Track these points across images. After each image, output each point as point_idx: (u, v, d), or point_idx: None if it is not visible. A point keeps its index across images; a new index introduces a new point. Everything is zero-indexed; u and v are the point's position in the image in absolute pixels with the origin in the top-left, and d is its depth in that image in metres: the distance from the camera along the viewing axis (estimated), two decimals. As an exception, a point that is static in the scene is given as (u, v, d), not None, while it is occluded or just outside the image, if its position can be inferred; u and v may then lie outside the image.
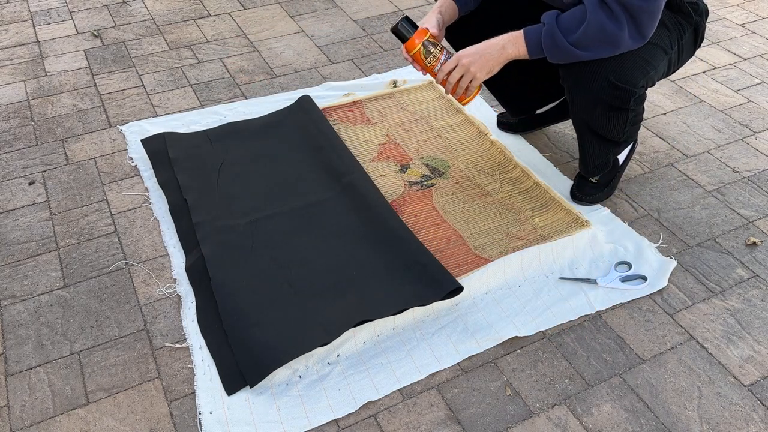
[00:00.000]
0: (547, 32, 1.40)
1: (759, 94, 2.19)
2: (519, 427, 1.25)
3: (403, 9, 2.71)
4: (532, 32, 1.43)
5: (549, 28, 1.40)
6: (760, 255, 1.61)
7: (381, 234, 1.59)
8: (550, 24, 1.40)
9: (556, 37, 1.39)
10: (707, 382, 1.33)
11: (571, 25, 1.39)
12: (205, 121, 2.03)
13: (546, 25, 1.41)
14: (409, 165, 1.87)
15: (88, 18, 2.64)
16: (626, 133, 1.60)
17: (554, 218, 1.68)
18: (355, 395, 1.29)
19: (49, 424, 1.25)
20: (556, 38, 1.40)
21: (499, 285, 1.51)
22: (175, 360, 1.37)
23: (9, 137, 1.99)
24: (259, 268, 1.51)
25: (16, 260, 1.59)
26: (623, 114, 1.52)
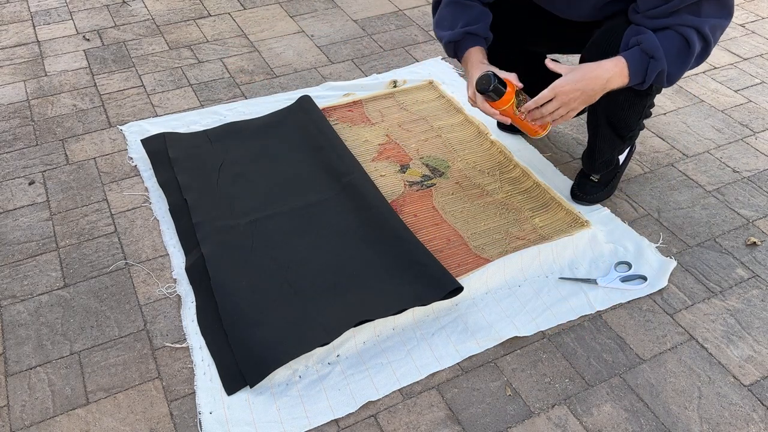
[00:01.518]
0: (653, 68, 1.36)
1: (759, 94, 2.19)
2: (519, 427, 1.25)
3: (403, 9, 2.71)
4: (636, 64, 1.36)
5: (657, 66, 1.35)
6: (760, 255, 1.61)
7: (381, 234, 1.59)
8: (659, 60, 1.35)
9: (663, 73, 1.37)
10: (707, 382, 1.33)
11: (676, 59, 1.36)
12: (205, 121, 2.03)
13: (654, 60, 1.35)
14: (409, 165, 1.87)
15: (88, 18, 2.64)
16: (638, 125, 1.62)
17: (554, 218, 1.68)
18: (355, 395, 1.29)
19: (49, 424, 1.25)
20: (662, 75, 1.37)
21: (499, 285, 1.51)
22: (175, 360, 1.37)
23: (9, 137, 1.99)
24: (259, 268, 1.51)
25: (16, 260, 1.59)
26: (643, 100, 1.53)
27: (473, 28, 1.57)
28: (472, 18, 1.58)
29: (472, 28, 1.57)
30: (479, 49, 1.58)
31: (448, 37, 1.59)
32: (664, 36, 1.35)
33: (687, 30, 1.34)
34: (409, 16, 2.67)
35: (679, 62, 1.37)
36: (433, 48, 2.45)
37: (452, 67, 2.31)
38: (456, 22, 1.58)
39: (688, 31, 1.34)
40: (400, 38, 2.51)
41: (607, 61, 1.37)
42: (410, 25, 2.61)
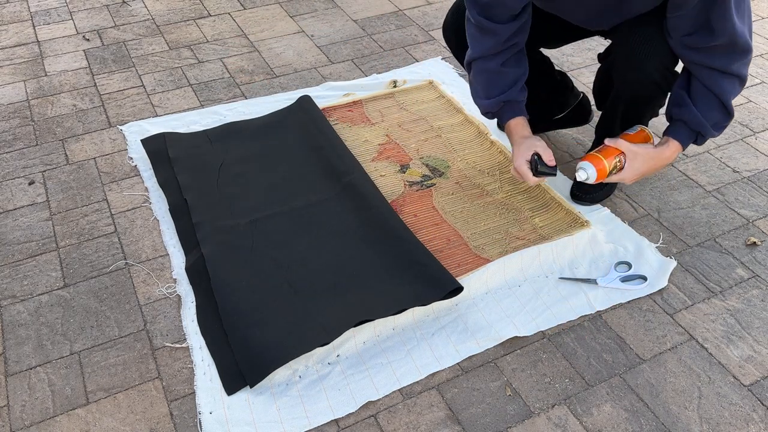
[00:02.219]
0: (702, 140, 1.50)
1: (759, 94, 2.19)
2: (519, 427, 1.25)
3: (403, 9, 2.71)
4: (687, 141, 1.50)
5: (705, 139, 1.49)
6: (760, 255, 1.61)
7: (381, 234, 1.59)
8: (706, 136, 1.48)
9: (708, 137, 1.50)
10: (707, 382, 1.33)
11: (719, 124, 1.47)
12: (205, 121, 2.03)
13: (701, 136, 1.48)
14: (409, 165, 1.87)
15: (88, 18, 2.64)
16: (648, 120, 1.66)
17: (554, 218, 1.68)
18: (355, 395, 1.29)
19: (49, 424, 1.25)
20: (707, 137, 1.50)
21: (499, 285, 1.51)
22: (175, 360, 1.37)
23: (9, 137, 1.99)
24: (259, 268, 1.51)
25: (16, 260, 1.59)
26: (660, 99, 1.58)
27: (510, 95, 1.56)
28: (506, 84, 1.56)
29: (509, 95, 1.56)
30: (520, 121, 1.58)
31: (486, 107, 1.60)
32: (705, 106, 1.44)
33: (721, 82, 1.40)
34: (409, 16, 2.67)
35: (721, 126, 1.48)
36: (433, 48, 2.45)
37: (452, 67, 2.31)
38: (491, 91, 1.57)
39: (722, 83, 1.41)
40: (400, 38, 2.51)
41: (666, 149, 1.51)
42: (410, 25, 2.61)
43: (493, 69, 1.55)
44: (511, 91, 1.57)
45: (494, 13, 1.46)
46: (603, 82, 1.71)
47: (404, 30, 2.57)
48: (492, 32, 1.49)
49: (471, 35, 1.55)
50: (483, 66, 1.56)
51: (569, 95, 1.91)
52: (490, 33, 1.49)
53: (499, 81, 1.57)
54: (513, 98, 1.57)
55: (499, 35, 1.50)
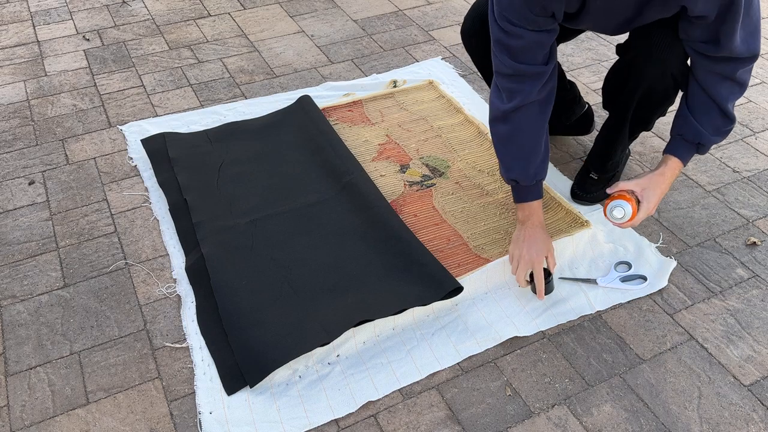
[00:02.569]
0: (703, 150, 1.49)
1: (759, 94, 2.19)
2: (519, 427, 1.25)
3: (403, 9, 2.71)
4: (688, 156, 1.49)
5: (706, 149, 1.49)
6: (760, 255, 1.61)
7: (381, 234, 1.59)
8: (706, 145, 1.47)
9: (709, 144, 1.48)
10: (707, 382, 1.33)
11: (717, 126, 1.45)
12: (205, 121, 2.03)
13: (702, 146, 1.47)
14: (409, 165, 1.87)
15: (88, 18, 2.64)
16: (654, 120, 1.66)
17: (554, 218, 1.68)
18: (355, 395, 1.29)
19: (49, 424, 1.25)
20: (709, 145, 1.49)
21: (499, 285, 1.51)
22: (175, 360, 1.37)
23: (9, 137, 1.99)
24: (259, 268, 1.51)
25: (16, 260, 1.59)
26: (672, 97, 1.57)
27: (543, 173, 1.48)
28: (539, 154, 1.45)
29: (543, 173, 1.48)
30: (539, 207, 1.49)
31: (516, 177, 1.47)
32: (704, 114, 1.43)
33: (721, 87, 1.40)
34: (409, 16, 2.67)
35: (722, 131, 1.47)
36: (433, 48, 2.45)
37: (452, 67, 2.31)
38: (529, 161, 1.45)
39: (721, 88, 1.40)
40: (400, 38, 2.51)
41: (667, 169, 1.47)
42: (410, 25, 2.61)
43: (540, 125, 1.44)
44: (545, 163, 1.48)
45: (530, 57, 1.36)
46: (617, 76, 1.67)
47: (404, 30, 2.57)
48: (533, 75, 1.37)
49: (506, 89, 1.40)
50: (528, 117, 1.42)
51: (575, 106, 1.91)
52: (533, 77, 1.38)
53: (540, 145, 1.45)
54: (544, 174, 1.49)
55: (542, 76, 1.38)
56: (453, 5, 2.75)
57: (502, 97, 1.42)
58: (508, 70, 1.37)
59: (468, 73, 2.29)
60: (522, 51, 1.35)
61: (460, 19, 2.64)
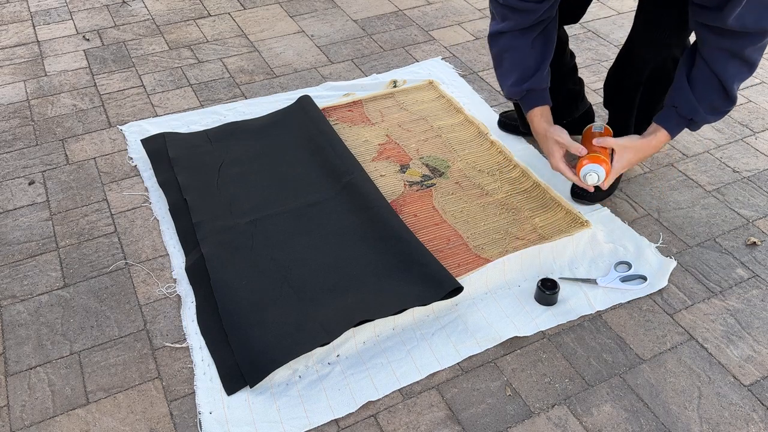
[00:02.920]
0: (695, 127, 1.46)
1: (759, 94, 2.19)
2: (519, 427, 1.25)
3: (403, 9, 2.71)
4: (676, 129, 1.47)
5: (697, 125, 1.46)
6: (760, 255, 1.61)
7: (381, 234, 1.59)
8: (699, 122, 1.44)
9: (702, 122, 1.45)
10: (707, 382, 1.33)
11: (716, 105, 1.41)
12: (205, 121, 2.03)
13: (693, 122, 1.44)
14: (409, 165, 1.87)
15: (88, 18, 2.64)
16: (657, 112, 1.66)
17: (554, 218, 1.68)
18: (355, 395, 1.29)
19: (49, 424, 1.25)
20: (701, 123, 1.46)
21: (499, 285, 1.51)
22: (175, 360, 1.37)
23: (9, 137, 1.99)
24: (259, 268, 1.51)
25: (16, 260, 1.59)
26: None
27: (534, 83, 1.52)
28: (531, 68, 1.50)
29: (534, 83, 1.52)
30: (543, 112, 1.54)
31: (508, 94, 1.56)
32: (704, 90, 1.39)
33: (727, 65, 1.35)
34: (409, 16, 2.67)
35: (719, 111, 1.43)
36: (433, 48, 2.45)
37: (452, 67, 2.31)
38: (516, 76, 1.51)
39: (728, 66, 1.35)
40: (400, 38, 2.52)
41: (653, 139, 1.48)
42: (410, 25, 2.61)
43: (521, 47, 1.48)
44: (535, 78, 1.52)
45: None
46: (620, 63, 1.67)
47: (404, 30, 2.57)
48: (525, 11, 1.42)
49: (499, 13, 1.47)
50: (512, 42, 1.48)
51: (580, 102, 1.91)
52: (524, 12, 1.42)
53: (525, 63, 1.50)
54: (536, 86, 1.53)
55: (534, 13, 1.42)
56: (453, 5, 2.75)
57: (494, 22, 1.51)
58: (502, 1, 1.43)
59: (468, 73, 2.30)
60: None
61: (461, 19, 2.64)
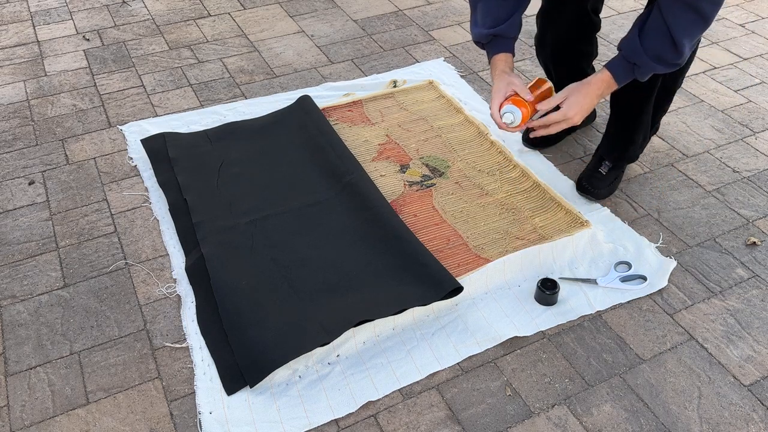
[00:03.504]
0: (641, 73, 1.45)
1: (759, 94, 2.19)
2: (519, 427, 1.25)
3: (403, 9, 2.71)
4: (621, 73, 1.46)
5: (643, 71, 1.44)
6: (760, 255, 1.61)
7: (381, 234, 1.59)
8: (643, 66, 1.42)
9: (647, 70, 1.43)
10: (707, 382, 1.33)
11: (659, 53, 1.40)
12: (205, 121, 2.03)
13: (638, 67, 1.43)
14: (409, 165, 1.87)
15: (88, 18, 2.64)
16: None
17: (554, 218, 1.68)
18: (355, 395, 1.29)
19: (49, 424, 1.25)
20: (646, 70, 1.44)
21: (499, 285, 1.51)
22: (175, 360, 1.37)
23: (9, 137, 1.99)
24: (259, 268, 1.51)
25: (16, 260, 1.59)
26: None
27: (502, 30, 1.55)
28: (501, 15, 1.54)
29: (501, 30, 1.55)
30: (504, 58, 1.57)
31: (477, 36, 1.58)
32: (652, 37, 1.38)
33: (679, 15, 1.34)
34: (409, 16, 2.67)
35: (664, 60, 1.41)
36: (433, 48, 2.45)
37: (452, 68, 2.31)
38: (486, 20, 1.55)
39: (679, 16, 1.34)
40: (400, 38, 2.51)
41: (595, 79, 1.49)
42: (410, 25, 2.61)
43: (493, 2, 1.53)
44: (504, 26, 1.55)
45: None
46: None
47: (404, 30, 2.57)
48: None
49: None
50: None
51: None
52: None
53: (496, 11, 1.54)
54: (504, 33, 1.56)
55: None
56: (453, 5, 2.75)
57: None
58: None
59: (468, 73, 2.30)
60: None
61: (461, 19, 2.64)
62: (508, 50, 1.59)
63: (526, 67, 2.29)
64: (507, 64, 1.58)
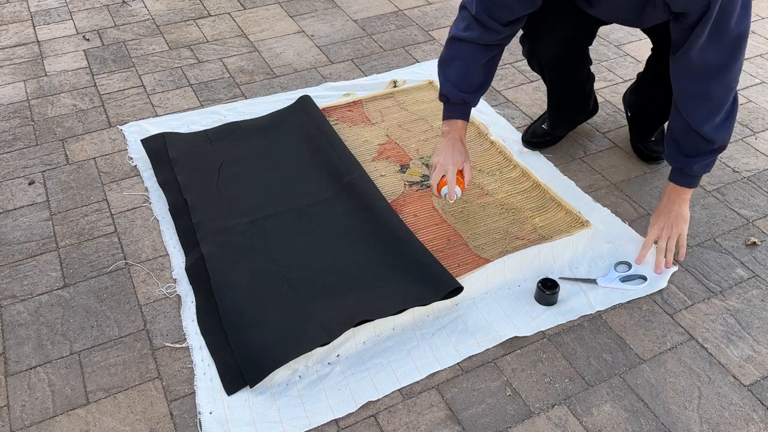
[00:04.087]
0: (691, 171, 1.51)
1: (759, 94, 2.19)
2: (519, 427, 1.25)
3: (403, 9, 2.71)
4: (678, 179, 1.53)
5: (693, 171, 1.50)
6: (760, 255, 1.61)
7: (381, 234, 1.59)
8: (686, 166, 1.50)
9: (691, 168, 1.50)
10: (707, 382, 1.33)
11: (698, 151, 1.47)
12: (205, 121, 2.03)
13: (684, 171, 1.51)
14: (408, 165, 1.87)
15: (88, 18, 2.64)
16: None
17: (554, 218, 1.68)
18: (355, 395, 1.29)
19: (49, 424, 1.25)
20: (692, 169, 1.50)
21: (499, 285, 1.51)
22: (175, 360, 1.37)
23: (9, 137, 1.99)
24: (259, 268, 1.51)
25: (16, 260, 1.59)
26: None
27: (474, 98, 1.58)
28: (478, 83, 1.57)
29: (474, 98, 1.58)
30: (464, 126, 1.60)
31: (449, 94, 1.57)
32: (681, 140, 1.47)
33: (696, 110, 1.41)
34: (409, 16, 2.67)
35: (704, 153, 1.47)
36: (433, 48, 2.45)
37: (452, 67, 2.31)
38: (462, 83, 1.55)
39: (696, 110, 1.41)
40: (400, 38, 2.52)
41: (664, 193, 1.57)
42: (410, 25, 2.61)
43: (474, 61, 1.54)
44: (477, 94, 1.59)
45: (496, 14, 1.46)
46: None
47: (404, 30, 2.57)
48: (490, 29, 1.49)
49: (465, 19, 1.52)
50: (468, 53, 1.53)
51: (590, 100, 1.95)
52: (488, 30, 1.49)
53: (470, 78, 1.56)
54: (471, 101, 1.59)
55: (497, 34, 1.50)
56: (453, 5, 2.75)
57: (458, 24, 1.54)
58: (475, 12, 1.47)
59: (468, 73, 2.29)
60: (492, 5, 1.45)
61: (460, 19, 2.64)
62: (467, 118, 1.61)
63: (526, 67, 2.29)
64: (464, 132, 1.61)
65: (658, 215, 1.56)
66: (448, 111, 1.61)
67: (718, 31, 1.30)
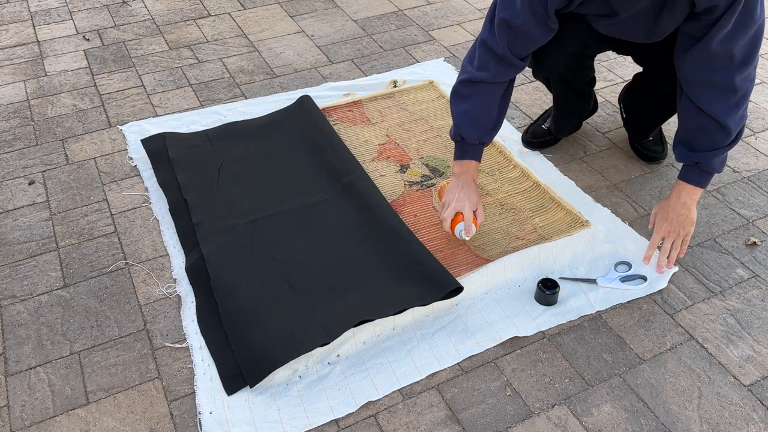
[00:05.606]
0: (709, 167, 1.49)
1: (759, 94, 2.19)
2: (519, 427, 1.25)
3: (403, 9, 2.71)
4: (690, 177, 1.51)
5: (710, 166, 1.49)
6: (760, 255, 1.61)
7: (381, 234, 1.59)
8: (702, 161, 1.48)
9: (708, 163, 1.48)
10: (707, 382, 1.33)
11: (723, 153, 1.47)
12: (205, 121, 2.03)
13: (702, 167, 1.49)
14: (409, 165, 1.87)
15: (88, 18, 2.64)
16: None
17: (554, 218, 1.68)
18: (355, 395, 1.29)
19: (49, 424, 1.25)
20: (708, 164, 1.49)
21: (499, 285, 1.51)
22: (175, 360, 1.37)
23: (9, 137, 1.99)
24: (259, 268, 1.51)
25: (16, 260, 1.59)
26: None
27: (488, 137, 1.57)
28: (493, 120, 1.56)
29: (486, 138, 1.57)
30: (476, 166, 1.59)
31: (464, 134, 1.55)
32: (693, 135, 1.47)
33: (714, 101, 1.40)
34: (409, 16, 2.67)
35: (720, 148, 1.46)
36: (433, 48, 2.45)
37: (452, 68, 2.31)
38: (476, 120, 1.53)
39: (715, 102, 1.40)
40: (400, 38, 2.52)
41: (673, 190, 1.55)
42: (410, 25, 2.61)
43: (492, 98, 1.53)
44: (494, 131, 1.58)
45: (518, 49, 1.45)
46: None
47: (404, 30, 2.57)
48: (512, 66, 1.48)
49: (482, 59, 1.49)
50: (486, 91, 1.52)
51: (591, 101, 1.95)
52: (510, 66, 1.48)
53: (492, 115, 1.55)
54: (486, 141, 1.58)
55: (515, 70, 1.49)
56: (453, 5, 2.75)
57: (474, 63, 1.51)
58: (499, 49, 1.45)
59: (468, 73, 2.29)
60: (516, 39, 1.44)
61: (461, 19, 2.64)
62: (480, 158, 1.60)
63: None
64: (476, 173, 1.61)
65: (665, 216, 1.54)
66: (463, 152, 1.58)
67: (744, 20, 1.30)
